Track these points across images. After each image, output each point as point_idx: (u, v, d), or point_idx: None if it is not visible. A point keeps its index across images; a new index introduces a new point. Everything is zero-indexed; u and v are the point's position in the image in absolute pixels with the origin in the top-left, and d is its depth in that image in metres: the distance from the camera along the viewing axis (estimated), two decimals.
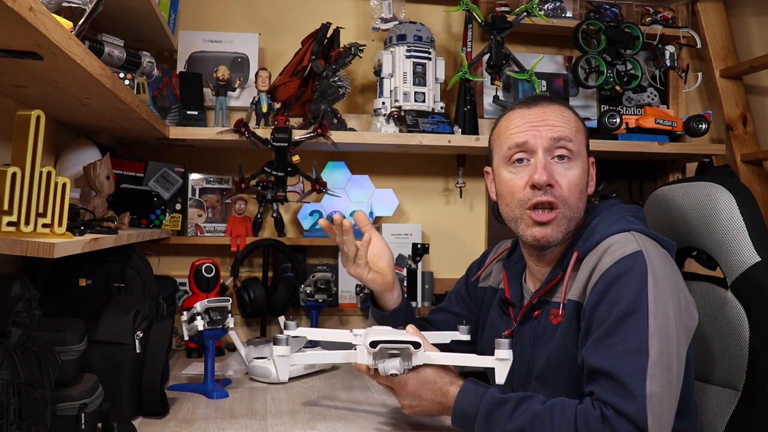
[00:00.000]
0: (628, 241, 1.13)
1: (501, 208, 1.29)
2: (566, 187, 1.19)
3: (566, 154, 1.21)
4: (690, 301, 1.15)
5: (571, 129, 1.23)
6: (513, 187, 1.23)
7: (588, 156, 1.27)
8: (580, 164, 1.22)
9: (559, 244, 1.24)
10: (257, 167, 2.04)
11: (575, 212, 1.22)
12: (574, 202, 1.21)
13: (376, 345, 1.10)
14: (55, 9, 1.15)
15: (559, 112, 1.24)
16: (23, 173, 0.98)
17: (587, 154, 1.27)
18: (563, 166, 1.21)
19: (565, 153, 1.21)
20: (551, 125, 1.21)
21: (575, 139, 1.22)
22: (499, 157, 1.27)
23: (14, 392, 0.89)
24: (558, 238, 1.21)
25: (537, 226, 1.21)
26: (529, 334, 1.27)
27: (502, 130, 1.28)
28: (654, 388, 1.01)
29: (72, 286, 1.48)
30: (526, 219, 1.22)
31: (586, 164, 1.25)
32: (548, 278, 1.24)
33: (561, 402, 1.06)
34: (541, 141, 1.21)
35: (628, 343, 1.04)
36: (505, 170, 1.25)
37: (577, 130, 1.24)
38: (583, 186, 1.23)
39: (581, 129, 1.26)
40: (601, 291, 1.10)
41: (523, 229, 1.23)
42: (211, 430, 1.25)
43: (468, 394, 1.12)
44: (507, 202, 1.25)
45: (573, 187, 1.20)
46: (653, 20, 2.35)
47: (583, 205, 1.24)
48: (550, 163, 1.20)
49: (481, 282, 1.48)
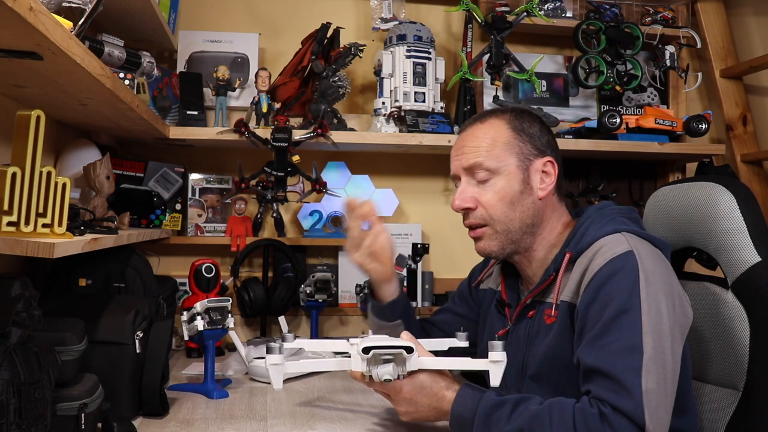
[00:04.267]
0: (618, 242, 1.15)
1: None
2: (487, 204, 1.26)
3: (482, 177, 1.27)
4: (684, 299, 1.16)
5: (485, 149, 1.27)
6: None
7: (526, 160, 1.27)
8: (503, 177, 1.26)
9: (507, 254, 1.30)
10: (257, 167, 2.04)
11: (508, 223, 1.26)
12: (500, 215, 1.26)
13: (369, 351, 1.10)
14: (55, 9, 1.15)
15: (474, 135, 1.30)
16: (23, 173, 0.98)
17: (522, 160, 1.27)
18: (482, 186, 1.27)
19: (481, 177, 1.27)
20: (464, 153, 1.29)
21: (491, 157, 1.26)
22: None
23: (14, 392, 0.89)
24: (494, 250, 1.29)
25: (474, 242, 1.31)
26: (523, 334, 1.28)
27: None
28: (650, 384, 1.01)
29: (72, 286, 1.48)
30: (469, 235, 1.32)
31: (518, 173, 1.26)
32: (541, 279, 1.25)
33: (559, 402, 1.06)
34: (460, 170, 1.30)
35: (623, 341, 1.05)
36: None
37: (493, 146, 1.27)
38: (511, 196, 1.26)
39: (500, 142, 1.27)
40: (593, 291, 1.11)
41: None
42: (211, 430, 1.25)
43: (465, 398, 1.12)
44: None
45: (495, 203, 1.26)
46: (653, 20, 2.35)
47: (523, 212, 1.26)
48: (468, 188, 1.29)
49: (483, 284, 1.49)
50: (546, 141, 1.30)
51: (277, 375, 1.16)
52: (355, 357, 1.14)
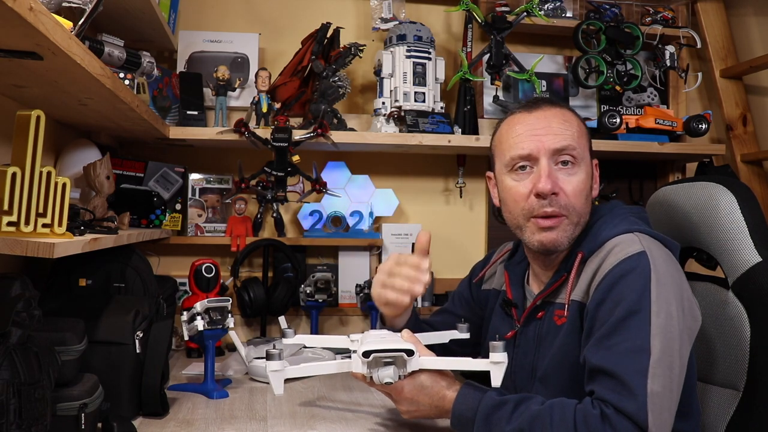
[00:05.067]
0: (631, 241, 1.13)
1: (504, 214, 1.29)
2: (571, 193, 1.19)
3: (570, 160, 1.21)
4: (693, 302, 1.15)
5: (574, 135, 1.22)
6: (516, 195, 1.22)
7: (591, 158, 1.26)
8: (584, 168, 1.22)
9: (564, 249, 1.23)
10: (257, 167, 2.04)
11: (581, 217, 1.22)
12: (580, 208, 1.21)
13: (369, 355, 1.10)
14: (55, 9, 1.15)
15: (561, 117, 1.23)
16: (23, 173, 0.98)
17: (590, 157, 1.26)
18: (567, 172, 1.20)
19: (569, 159, 1.21)
20: (554, 133, 1.20)
21: (578, 145, 1.22)
22: (502, 164, 1.26)
23: (14, 392, 0.89)
24: (564, 243, 1.21)
25: (543, 231, 1.20)
26: (533, 336, 1.26)
27: (504, 136, 1.27)
28: (655, 387, 1.01)
29: (72, 286, 1.48)
30: (531, 227, 1.22)
31: (590, 167, 1.25)
32: (552, 279, 1.24)
33: (560, 402, 1.06)
34: (544, 150, 1.20)
35: (630, 342, 1.04)
36: (508, 177, 1.24)
37: (580, 134, 1.24)
38: (587, 190, 1.23)
39: (584, 133, 1.26)
40: (604, 291, 1.10)
41: (529, 236, 1.23)
42: (211, 430, 1.25)
43: (466, 397, 1.12)
44: (510, 209, 1.25)
45: (578, 193, 1.20)
46: (653, 20, 2.35)
47: (589, 209, 1.24)
48: (553, 171, 1.20)
49: (485, 284, 1.48)
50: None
51: (278, 381, 1.16)
52: (355, 359, 1.14)
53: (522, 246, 1.38)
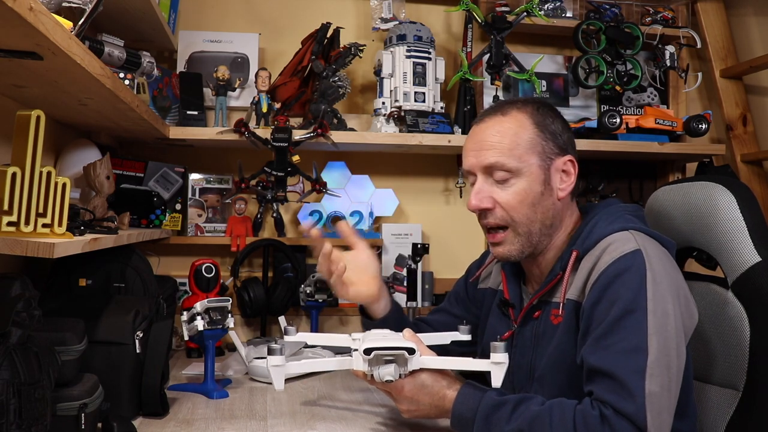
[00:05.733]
0: (626, 239, 1.13)
1: None
2: (507, 206, 1.21)
3: (502, 177, 1.21)
4: (690, 300, 1.15)
5: (507, 147, 1.20)
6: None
7: (548, 159, 1.22)
8: (524, 178, 1.21)
9: (525, 256, 1.25)
10: (257, 167, 2.04)
11: (529, 225, 1.22)
12: (522, 217, 1.21)
13: (370, 352, 1.10)
14: (55, 9, 1.15)
15: (497, 129, 1.23)
16: (23, 173, 0.98)
17: (544, 159, 1.22)
18: (501, 186, 1.22)
19: (501, 177, 1.21)
20: (485, 149, 1.22)
21: (512, 156, 1.20)
22: None
23: (14, 392, 0.89)
24: (515, 254, 1.24)
25: (493, 246, 1.26)
26: (530, 336, 1.26)
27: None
28: (653, 387, 1.01)
29: (72, 286, 1.48)
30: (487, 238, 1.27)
31: (539, 173, 1.21)
32: (548, 279, 1.24)
33: (560, 403, 1.06)
34: (478, 167, 1.24)
35: (627, 342, 1.04)
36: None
37: (514, 145, 1.21)
38: (532, 197, 1.21)
39: (523, 142, 1.21)
40: (599, 290, 1.10)
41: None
42: (211, 430, 1.25)
43: (466, 397, 1.12)
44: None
45: (515, 205, 1.21)
46: (653, 20, 2.35)
47: (543, 213, 1.22)
48: (485, 188, 1.23)
49: (481, 283, 1.47)
50: (567, 138, 1.26)
51: (279, 376, 1.17)
52: (356, 357, 1.14)
53: None
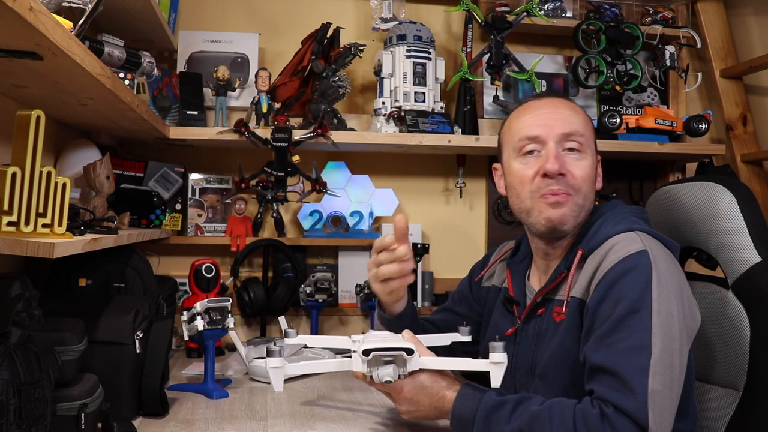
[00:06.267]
0: (632, 240, 1.14)
1: (511, 200, 1.30)
2: (579, 176, 1.22)
3: (577, 147, 1.23)
4: (693, 302, 1.15)
5: (581, 124, 1.26)
6: (523, 177, 1.24)
7: (596, 153, 1.29)
8: (590, 157, 1.25)
9: (568, 234, 1.25)
10: (257, 167, 2.04)
11: (586, 201, 1.24)
12: (586, 191, 1.23)
13: (369, 353, 1.10)
14: (55, 9, 1.15)
15: (569, 106, 1.28)
16: (23, 173, 0.98)
17: (596, 149, 1.29)
18: (574, 156, 1.23)
19: (576, 146, 1.23)
20: (562, 119, 1.24)
21: (585, 133, 1.25)
22: (510, 149, 1.29)
23: (14, 392, 0.89)
24: (570, 221, 1.22)
25: (551, 207, 1.22)
26: (533, 332, 1.27)
27: (512, 123, 1.30)
28: (656, 385, 1.01)
29: (72, 286, 1.48)
30: (539, 205, 1.23)
31: (595, 159, 1.28)
32: (552, 276, 1.24)
33: (559, 402, 1.06)
34: (552, 134, 1.23)
35: (631, 340, 1.04)
36: (516, 162, 1.27)
37: (586, 125, 1.28)
38: (593, 178, 1.26)
39: (590, 126, 1.29)
40: (604, 289, 1.10)
41: (536, 216, 1.24)
42: (211, 430, 1.25)
43: (465, 398, 1.12)
44: (517, 192, 1.27)
45: (584, 177, 1.23)
46: (653, 20, 2.35)
47: (593, 198, 1.26)
48: (561, 154, 1.22)
49: (485, 282, 1.48)
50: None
51: (278, 378, 1.16)
52: (355, 358, 1.14)
53: (524, 244, 1.39)
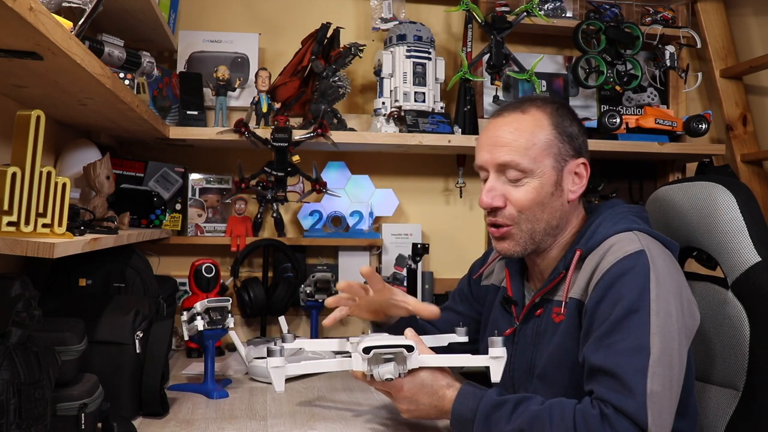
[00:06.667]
0: (630, 240, 1.14)
1: None
2: (518, 205, 1.21)
3: (515, 177, 1.21)
4: (692, 302, 1.15)
5: (523, 146, 1.20)
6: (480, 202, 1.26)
7: (562, 161, 1.22)
8: (537, 179, 1.20)
9: (528, 254, 1.26)
10: (257, 167, 2.04)
11: (537, 223, 1.22)
12: (530, 216, 1.22)
13: (369, 351, 1.10)
14: (55, 9, 1.15)
15: (514, 126, 1.22)
16: (23, 173, 0.98)
17: (559, 161, 1.22)
18: (514, 185, 1.22)
19: (514, 176, 1.21)
20: (501, 145, 1.21)
21: (527, 156, 1.19)
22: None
23: (14, 392, 0.89)
24: (516, 251, 1.24)
25: (496, 241, 1.26)
26: (531, 333, 1.27)
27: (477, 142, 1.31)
28: (655, 386, 1.01)
29: (72, 286, 1.48)
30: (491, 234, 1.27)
31: (552, 174, 1.21)
32: (551, 277, 1.24)
33: (559, 402, 1.06)
34: (491, 164, 1.23)
35: (630, 341, 1.04)
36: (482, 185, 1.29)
37: (531, 144, 1.20)
38: (542, 198, 1.20)
39: (538, 142, 1.20)
40: (603, 289, 1.10)
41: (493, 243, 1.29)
42: (211, 430, 1.25)
43: (465, 397, 1.12)
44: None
45: (526, 204, 1.21)
46: (653, 20, 2.35)
47: (551, 214, 1.22)
48: (497, 186, 1.23)
49: (484, 280, 1.48)
50: (582, 141, 1.26)
51: (279, 377, 1.16)
52: (356, 356, 1.14)
53: None
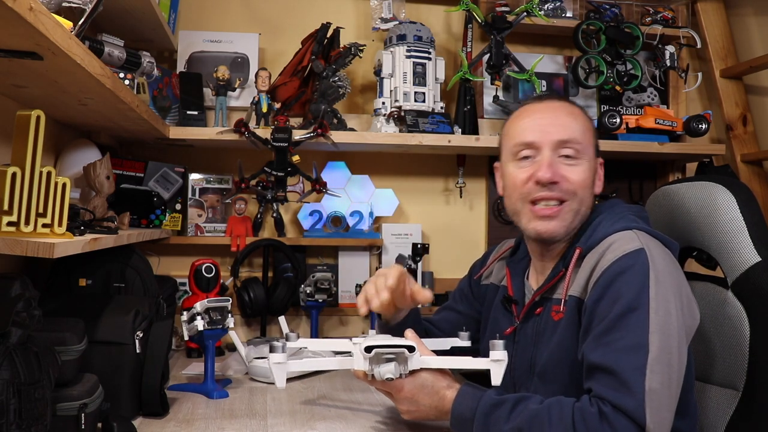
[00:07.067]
0: (630, 239, 1.14)
1: (504, 201, 1.33)
2: (574, 181, 1.22)
3: (572, 154, 1.23)
4: (692, 301, 1.15)
5: (579, 130, 1.25)
6: (516, 180, 1.25)
7: (596, 156, 1.29)
8: (586, 163, 1.24)
9: (562, 240, 1.25)
10: (257, 167, 2.04)
11: (582, 206, 1.24)
12: (582, 196, 1.23)
13: (371, 350, 1.11)
14: (55, 9, 1.15)
15: (568, 110, 1.27)
16: (23, 173, 0.98)
17: (595, 154, 1.28)
18: (569, 163, 1.23)
19: (571, 153, 1.23)
20: (559, 124, 1.24)
21: (582, 139, 1.24)
22: (507, 152, 1.30)
23: (14, 392, 0.89)
24: (561, 232, 1.23)
25: (539, 220, 1.23)
26: (531, 332, 1.27)
27: (511, 125, 1.31)
28: (654, 384, 1.01)
29: (72, 286, 1.48)
30: (527, 213, 1.24)
31: (594, 164, 1.27)
32: (550, 275, 1.25)
33: (558, 401, 1.06)
34: (547, 140, 1.23)
35: (629, 339, 1.04)
36: (511, 165, 1.28)
37: (585, 130, 1.26)
38: (589, 183, 1.25)
39: (590, 129, 1.28)
40: (602, 288, 1.11)
41: (525, 223, 1.26)
42: (211, 430, 1.25)
43: (465, 397, 1.12)
44: (509, 194, 1.29)
45: (580, 183, 1.23)
46: (653, 20, 2.35)
47: (590, 203, 1.26)
48: (555, 161, 1.22)
49: (484, 280, 1.48)
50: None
51: (281, 374, 1.17)
52: (357, 356, 1.14)
53: (524, 243, 1.39)
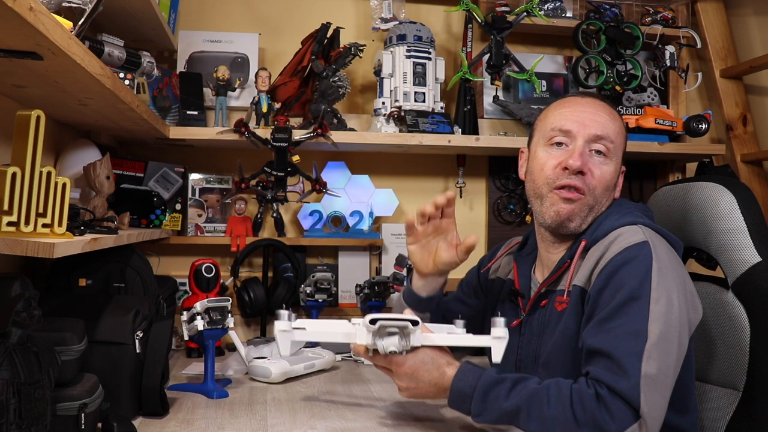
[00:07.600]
0: (635, 232, 1.17)
1: (527, 185, 1.34)
2: (598, 177, 1.25)
3: (604, 150, 1.26)
4: (695, 295, 1.18)
5: (615, 131, 1.28)
6: (545, 164, 1.27)
7: (623, 159, 1.31)
8: (614, 164, 1.27)
9: (573, 231, 1.27)
10: (257, 167, 2.04)
11: (597, 204, 1.26)
12: (600, 194, 1.25)
13: (376, 322, 1.12)
14: (55, 9, 1.15)
15: (609, 112, 1.30)
16: (23, 173, 0.98)
17: (623, 158, 1.31)
18: (599, 159, 1.26)
19: (603, 150, 1.26)
20: (598, 122, 1.26)
21: (615, 141, 1.27)
22: (540, 136, 1.32)
23: (14, 392, 0.89)
24: (577, 218, 1.25)
25: (562, 202, 1.25)
26: (537, 324, 1.30)
27: (550, 112, 1.33)
28: (650, 369, 1.03)
29: (72, 286, 1.48)
30: (552, 197, 1.26)
31: (619, 167, 1.30)
32: (556, 267, 1.27)
33: (557, 381, 1.08)
34: (584, 132, 1.25)
35: (628, 326, 1.07)
36: (542, 149, 1.30)
37: (619, 133, 1.30)
38: (611, 184, 1.28)
39: (622, 134, 1.31)
40: (606, 277, 1.13)
41: (547, 207, 1.27)
42: (211, 430, 1.25)
43: (465, 373, 1.14)
44: (535, 178, 1.30)
45: (603, 181, 1.25)
46: (653, 20, 2.35)
47: (606, 203, 1.28)
48: (587, 154, 1.25)
49: (492, 274, 1.51)
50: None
51: (285, 341, 1.18)
52: (360, 330, 1.15)
53: (531, 238, 1.41)
